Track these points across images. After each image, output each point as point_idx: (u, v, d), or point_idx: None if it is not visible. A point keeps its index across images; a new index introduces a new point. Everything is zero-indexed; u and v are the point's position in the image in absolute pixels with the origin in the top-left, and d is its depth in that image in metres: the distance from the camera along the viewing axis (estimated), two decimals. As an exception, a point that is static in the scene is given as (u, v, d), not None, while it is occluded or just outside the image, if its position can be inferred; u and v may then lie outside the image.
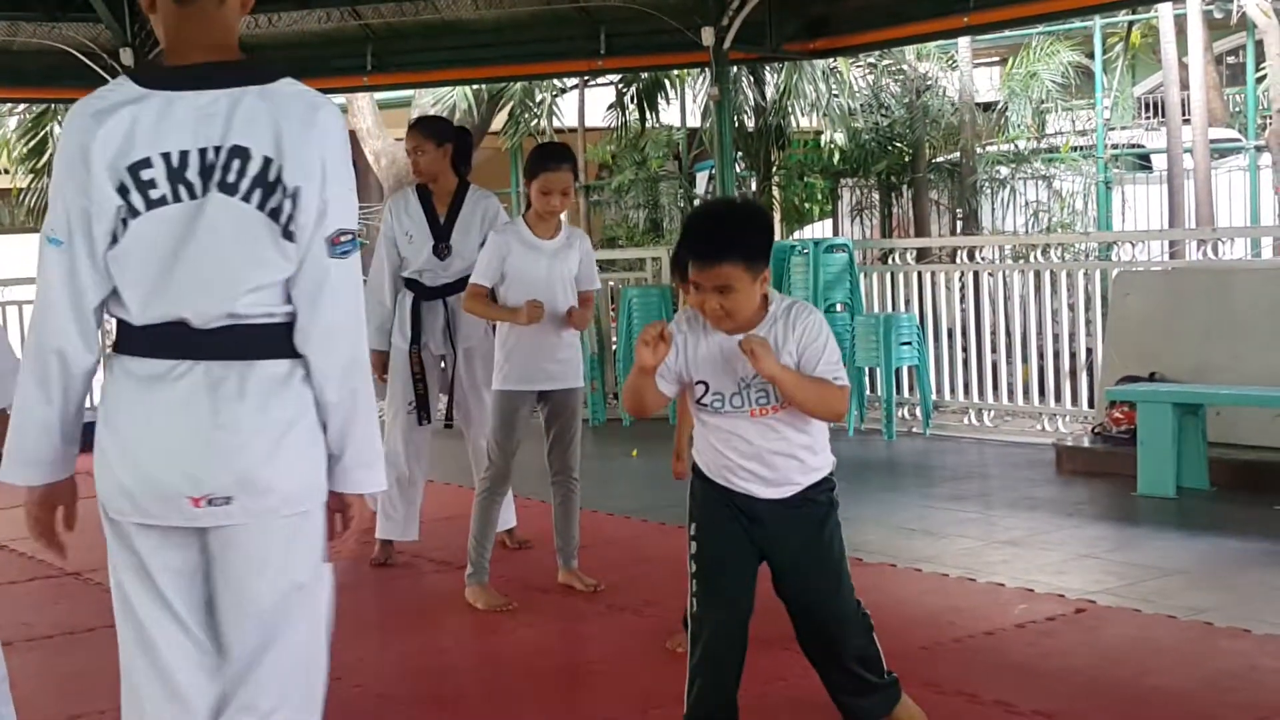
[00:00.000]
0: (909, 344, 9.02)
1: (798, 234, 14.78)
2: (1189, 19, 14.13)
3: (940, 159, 14.53)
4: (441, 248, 5.70)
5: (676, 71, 13.99)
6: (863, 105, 14.16)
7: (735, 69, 10.86)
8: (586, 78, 14.71)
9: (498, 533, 5.53)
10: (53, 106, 13.84)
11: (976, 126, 14.43)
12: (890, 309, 9.52)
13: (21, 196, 16.33)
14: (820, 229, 15.19)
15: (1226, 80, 18.74)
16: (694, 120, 15.55)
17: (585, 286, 5.15)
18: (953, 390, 9.37)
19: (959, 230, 13.86)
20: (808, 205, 15.44)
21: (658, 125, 15.48)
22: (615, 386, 10.09)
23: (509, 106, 15.30)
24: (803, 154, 15.30)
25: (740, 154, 13.14)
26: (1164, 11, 13.57)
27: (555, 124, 15.84)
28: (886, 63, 14.05)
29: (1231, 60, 19.32)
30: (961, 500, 6.93)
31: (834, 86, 13.58)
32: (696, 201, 14.88)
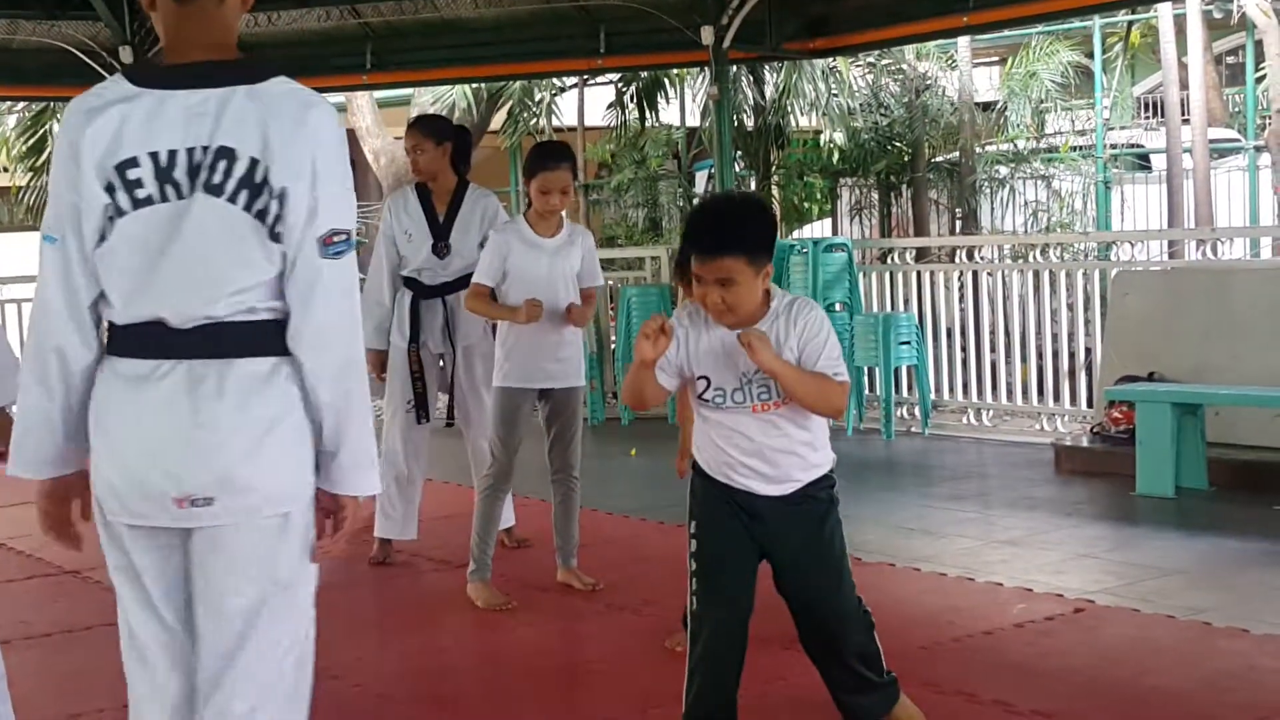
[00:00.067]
0: (908, 343, 9.02)
1: (797, 233, 14.76)
2: (1188, 19, 14.12)
3: (939, 159, 14.52)
4: (440, 246, 5.70)
5: (676, 70, 13.98)
6: (862, 105, 14.15)
7: (735, 68, 10.86)
8: (586, 77, 14.70)
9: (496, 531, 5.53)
10: (52, 105, 13.82)
11: (976, 126, 14.42)
12: (889, 308, 9.53)
13: (21, 194, 16.32)
14: (819, 228, 15.19)
15: (1226, 80, 18.73)
16: (693, 119, 15.55)
17: (587, 283, 5.16)
18: (952, 390, 9.38)
19: (958, 230, 13.85)
20: (807, 205, 15.42)
21: (657, 124, 15.47)
22: (614, 385, 10.09)
23: (508, 105, 15.29)
24: (802, 153, 15.27)
25: (739, 153, 13.12)
26: (1163, 11, 13.57)
27: (554, 123, 15.82)
28: (886, 62, 14.04)
29: (1231, 60, 19.32)
30: (960, 500, 6.93)
31: (833, 86, 13.57)
32: (695, 201, 14.87)
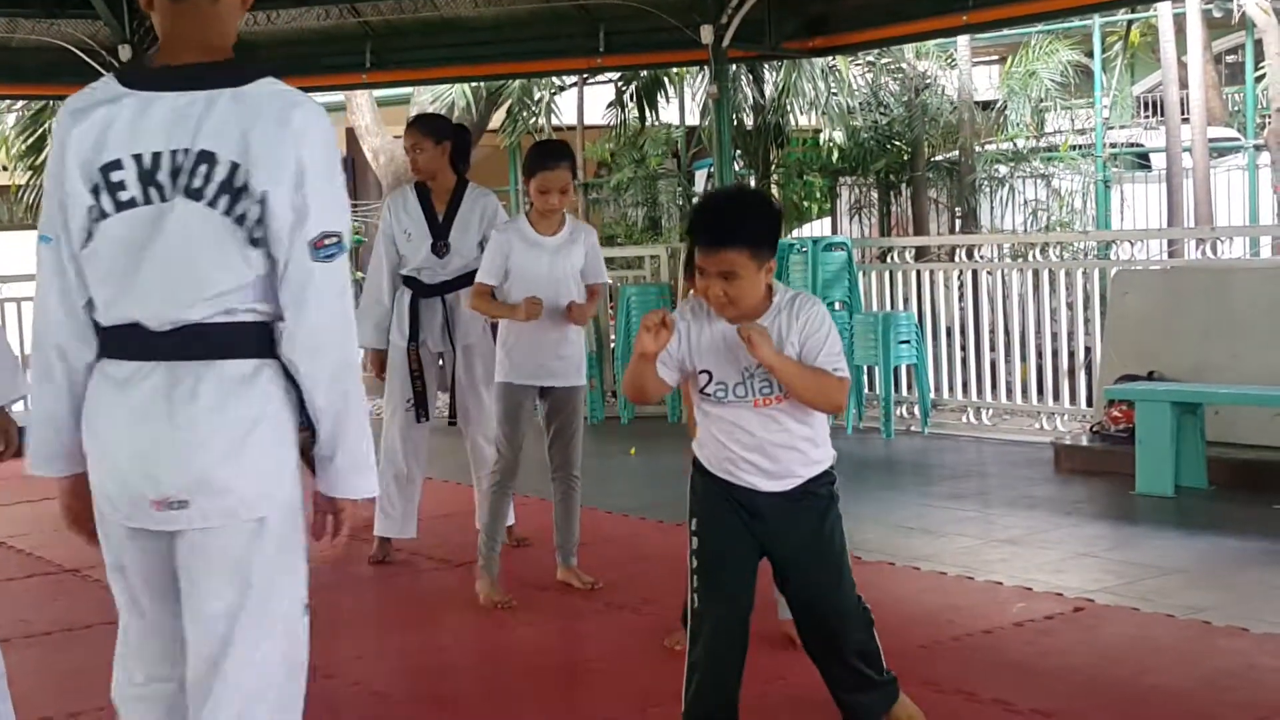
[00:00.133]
0: (907, 342, 9.02)
1: (796, 232, 14.74)
2: (1188, 18, 14.11)
3: (939, 157, 14.51)
4: (440, 245, 5.70)
5: (675, 69, 13.97)
6: (861, 104, 14.14)
7: (734, 67, 10.85)
8: (585, 75, 14.68)
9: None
10: (51, 103, 13.79)
11: (975, 125, 14.40)
12: (889, 307, 9.52)
13: (20, 193, 16.32)
14: (819, 227, 15.18)
15: (1225, 79, 18.72)
16: (693, 118, 15.53)
17: (591, 280, 5.17)
18: (951, 389, 9.37)
19: (958, 229, 13.84)
20: (806, 204, 15.40)
21: (657, 123, 15.45)
22: (614, 384, 10.08)
23: (508, 104, 15.27)
24: (801, 152, 15.26)
25: (739, 152, 13.11)
26: (1163, 10, 13.56)
27: (554, 122, 15.81)
28: (885, 61, 14.02)
29: (1230, 59, 19.31)
30: (960, 499, 6.93)
31: (833, 85, 13.56)
32: (695, 200, 14.85)
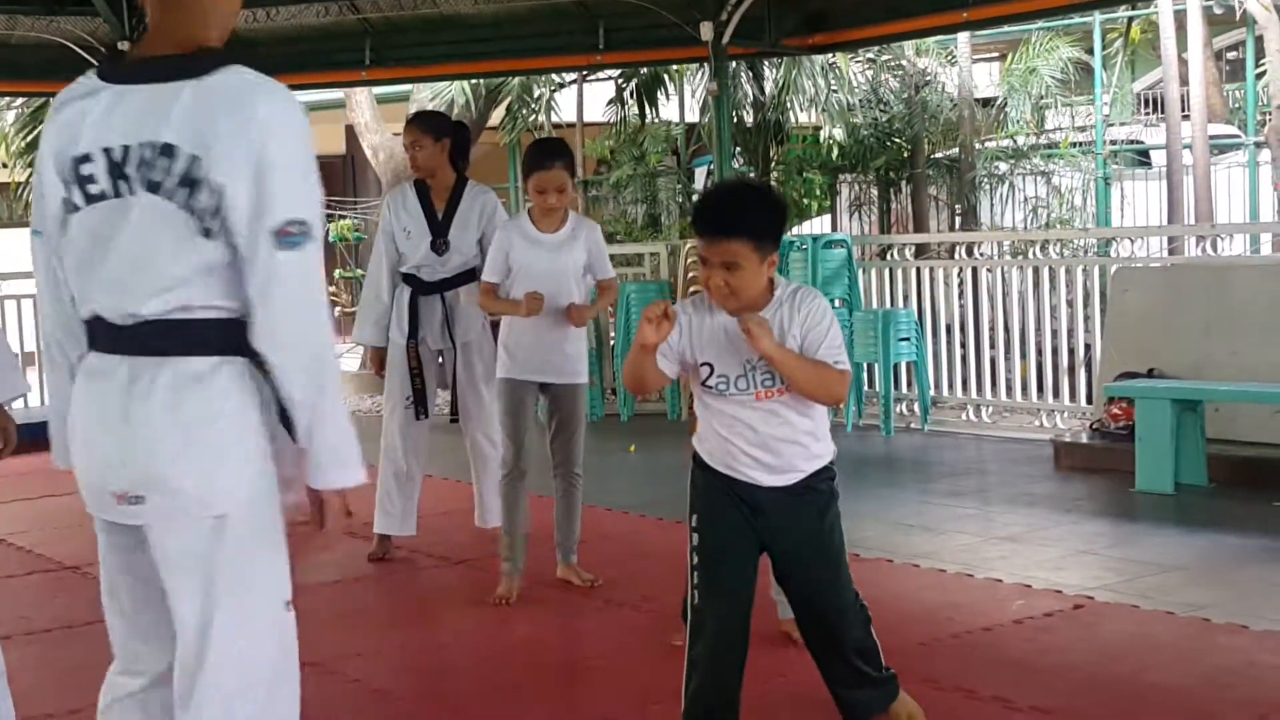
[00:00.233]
0: (907, 340, 9.02)
1: (796, 229, 14.74)
2: (1189, 14, 14.09)
3: (939, 155, 14.50)
4: (439, 243, 5.69)
5: (675, 66, 13.96)
6: (861, 101, 14.12)
7: (734, 64, 10.83)
8: (585, 73, 14.68)
9: (493, 528, 5.53)
10: (50, 100, 13.82)
11: (975, 122, 14.38)
12: (889, 305, 9.52)
13: (20, 190, 16.34)
14: (819, 224, 15.18)
15: (1226, 76, 18.69)
16: (693, 115, 15.51)
17: (600, 276, 5.16)
18: (951, 386, 9.37)
19: (958, 226, 13.83)
20: (806, 201, 15.38)
21: (656, 120, 15.43)
22: (614, 382, 10.08)
23: (507, 101, 15.26)
24: (801, 149, 15.25)
25: (739, 149, 13.11)
26: (1164, 7, 13.54)
27: (554, 119, 15.79)
28: (885, 58, 14.00)
29: (1231, 56, 19.29)
30: (959, 496, 6.93)
31: (833, 82, 13.55)
32: (695, 197, 14.85)
